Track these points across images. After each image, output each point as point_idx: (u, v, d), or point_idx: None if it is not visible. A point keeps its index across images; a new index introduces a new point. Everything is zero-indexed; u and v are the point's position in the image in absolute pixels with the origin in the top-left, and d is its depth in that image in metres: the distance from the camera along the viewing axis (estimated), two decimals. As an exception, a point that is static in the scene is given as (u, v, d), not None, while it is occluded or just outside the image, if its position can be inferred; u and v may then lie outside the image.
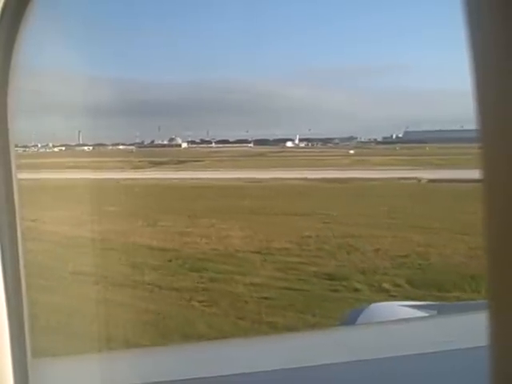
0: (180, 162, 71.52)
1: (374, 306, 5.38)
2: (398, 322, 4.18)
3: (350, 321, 5.08)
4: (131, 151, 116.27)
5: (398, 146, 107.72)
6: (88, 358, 3.49)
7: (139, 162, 72.07)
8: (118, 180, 41.78)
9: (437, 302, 8.07)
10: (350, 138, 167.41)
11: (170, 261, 17.54)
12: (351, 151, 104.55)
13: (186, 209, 27.76)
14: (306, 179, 39.94)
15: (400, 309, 4.98)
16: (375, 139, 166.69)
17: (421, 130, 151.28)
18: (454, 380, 2.49)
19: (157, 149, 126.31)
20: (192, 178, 43.46)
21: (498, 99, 0.77)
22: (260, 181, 39.93)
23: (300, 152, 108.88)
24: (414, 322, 4.12)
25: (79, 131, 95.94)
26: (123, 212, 27.61)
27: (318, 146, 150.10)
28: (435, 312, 4.83)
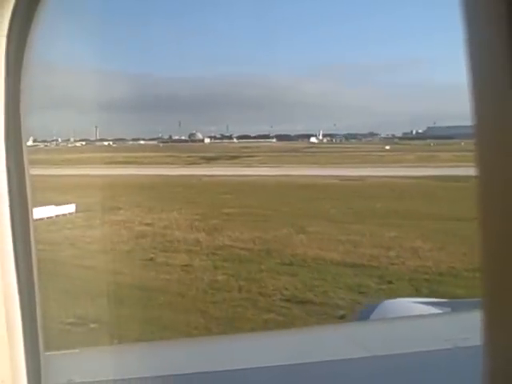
0: (232, 157, 68.15)
1: (387, 302, 5.16)
2: (412, 318, 4.16)
3: (363, 317, 4.93)
4: (158, 146, 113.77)
5: (432, 142, 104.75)
6: (99, 351, 3.57)
7: (188, 157, 68.48)
8: (199, 177, 38.39)
9: (450, 299, 7.49)
10: (372, 134, 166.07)
11: (391, 283, 13.90)
12: (387, 147, 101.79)
13: (316, 211, 24.06)
14: (406, 177, 36.33)
15: (413, 305, 4.78)
16: (393, 134, 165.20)
17: (443, 126, 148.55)
18: (468, 376, 1.88)
19: (180, 144, 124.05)
20: (269, 176, 39.92)
21: (494, 96, 0.77)
22: (358, 179, 36.36)
23: (332, 147, 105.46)
24: (428, 318, 4.11)
25: (96, 126, 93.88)
26: (247, 215, 23.86)
27: (343, 141, 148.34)
28: (449, 309, 4.59)
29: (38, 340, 1.58)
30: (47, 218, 24.17)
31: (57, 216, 24.57)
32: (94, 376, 2.65)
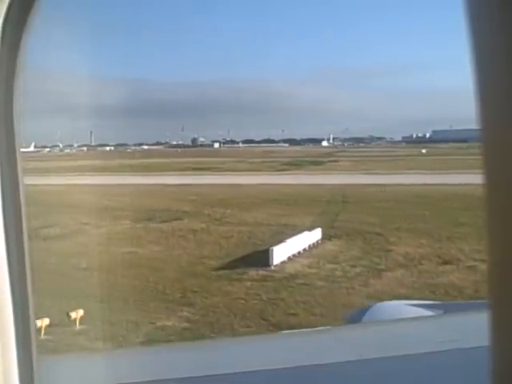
0: (314, 162, 63.02)
1: (379, 305, 5.29)
2: (404, 321, 4.17)
3: (355, 320, 4.97)
4: (176, 151, 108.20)
5: (464, 145, 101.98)
6: (91, 356, 3.68)
7: (262, 162, 61.87)
8: (380, 187, 32.72)
9: (443, 302, 7.23)
10: (373, 138, 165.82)
11: None
12: (423, 150, 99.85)
13: None
14: None
15: (405, 308, 4.82)
16: (391, 138, 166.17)
17: (453, 129, 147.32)
18: (460, 379, 2.40)
19: (193, 149, 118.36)
20: (424, 184, 34.65)
21: (500, 98, 0.77)
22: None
23: (359, 152, 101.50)
24: (420, 321, 4.15)
25: (91, 131, 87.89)
26: None
27: (355, 145, 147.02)
28: (441, 311, 4.64)
29: (31, 344, 1.53)
30: (303, 250, 17.49)
31: (310, 247, 17.92)
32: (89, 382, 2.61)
